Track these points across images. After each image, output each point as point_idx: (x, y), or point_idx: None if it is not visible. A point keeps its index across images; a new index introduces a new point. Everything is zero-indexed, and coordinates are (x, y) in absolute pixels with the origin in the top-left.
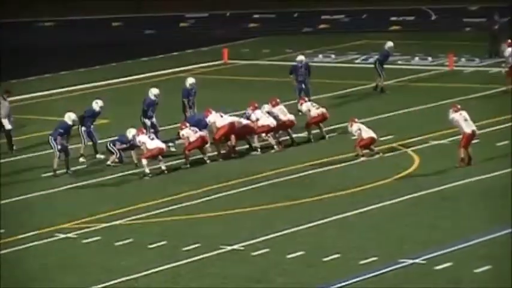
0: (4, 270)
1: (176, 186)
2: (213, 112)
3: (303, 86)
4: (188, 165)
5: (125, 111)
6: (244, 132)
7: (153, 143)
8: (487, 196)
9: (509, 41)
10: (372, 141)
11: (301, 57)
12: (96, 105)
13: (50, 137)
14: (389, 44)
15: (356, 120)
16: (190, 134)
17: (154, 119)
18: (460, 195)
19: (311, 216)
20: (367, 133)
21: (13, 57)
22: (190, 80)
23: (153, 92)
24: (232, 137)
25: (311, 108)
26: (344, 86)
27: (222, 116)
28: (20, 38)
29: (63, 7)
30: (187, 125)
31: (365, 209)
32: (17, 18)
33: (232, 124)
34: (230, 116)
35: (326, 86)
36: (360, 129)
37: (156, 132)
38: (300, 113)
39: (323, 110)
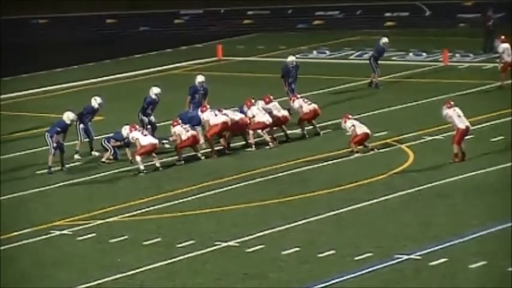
0: None
1: (170, 183)
2: (209, 109)
3: (292, 86)
4: (182, 162)
5: (120, 108)
6: (237, 129)
7: (146, 139)
8: (481, 192)
9: (503, 37)
10: (366, 137)
11: (291, 58)
12: (95, 102)
13: (47, 133)
14: (384, 39)
15: (349, 116)
16: (181, 131)
17: (152, 117)
18: (454, 191)
19: (306, 212)
20: (361, 129)
21: (7, 55)
22: (199, 78)
23: (154, 91)
24: (227, 133)
25: (303, 105)
26: (339, 82)
27: (216, 115)
28: (14, 35)
29: (57, 4)
30: (180, 121)
31: (360, 205)
32: (10, 16)
33: (225, 123)
34: (226, 110)
35: (320, 82)
36: (353, 126)
37: (154, 130)
38: (291, 114)
39: (315, 106)
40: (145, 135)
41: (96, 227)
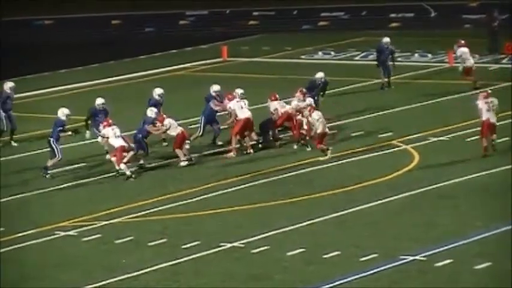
0: (4, 269)
1: (175, 184)
2: (234, 100)
3: (316, 99)
4: (186, 162)
5: (125, 109)
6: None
7: (116, 141)
8: (486, 193)
9: (463, 41)
10: (324, 136)
11: (320, 74)
12: (99, 102)
13: (51, 139)
14: (385, 39)
15: (314, 105)
16: (172, 123)
17: None
18: (459, 192)
19: (311, 213)
20: (322, 126)
21: (11, 56)
22: (158, 91)
23: (157, 92)
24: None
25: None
26: (343, 83)
27: (242, 108)
28: (18, 36)
29: (61, 5)
30: (164, 116)
31: (364, 206)
32: (15, 17)
33: (247, 119)
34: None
35: None
36: (318, 120)
37: None
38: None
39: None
40: (117, 136)
41: (101, 228)
